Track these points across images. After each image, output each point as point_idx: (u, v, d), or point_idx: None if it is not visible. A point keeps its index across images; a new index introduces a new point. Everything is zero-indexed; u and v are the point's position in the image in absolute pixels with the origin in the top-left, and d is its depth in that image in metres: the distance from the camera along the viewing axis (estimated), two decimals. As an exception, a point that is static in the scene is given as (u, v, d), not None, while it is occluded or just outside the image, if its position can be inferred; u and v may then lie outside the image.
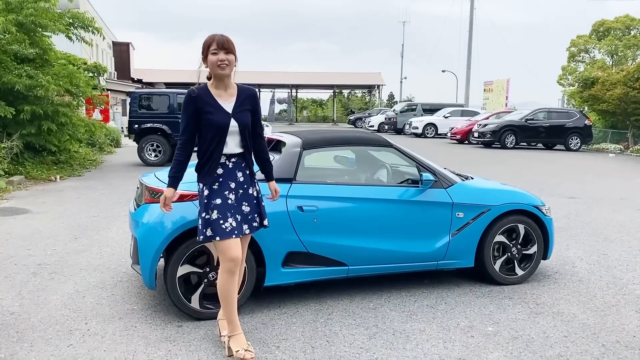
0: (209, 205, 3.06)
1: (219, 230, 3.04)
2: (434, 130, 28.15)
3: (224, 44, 3.01)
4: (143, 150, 13.59)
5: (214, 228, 3.04)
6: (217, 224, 3.04)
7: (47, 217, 7.06)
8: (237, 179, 3.13)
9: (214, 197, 3.06)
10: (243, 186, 3.15)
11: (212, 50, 3.01)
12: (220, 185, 3.08)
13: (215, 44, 3.00)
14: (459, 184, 4.50)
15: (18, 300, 4.07)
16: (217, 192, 3.07)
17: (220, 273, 3.14)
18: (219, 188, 3.08)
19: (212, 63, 3.02)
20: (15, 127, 10.92)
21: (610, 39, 28.99)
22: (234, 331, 3.19)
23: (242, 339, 3.17)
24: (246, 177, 3.17)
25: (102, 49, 34.12)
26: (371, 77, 54.40)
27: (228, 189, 3.09)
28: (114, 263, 5.05)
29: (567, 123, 20.90)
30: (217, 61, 3.00)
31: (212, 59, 3.01)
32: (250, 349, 3.14)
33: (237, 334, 3.18)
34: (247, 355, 3.08)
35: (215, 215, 3.04)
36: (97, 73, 16.84)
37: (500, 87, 38.70)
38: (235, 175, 3.12)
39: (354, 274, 4.18)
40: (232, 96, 3.14)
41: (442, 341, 3.47)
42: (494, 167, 14.07)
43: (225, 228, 3.04)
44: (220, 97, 3.10)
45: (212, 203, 3.05)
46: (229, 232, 3.05)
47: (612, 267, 5.22)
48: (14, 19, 10.56)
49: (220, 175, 3.09)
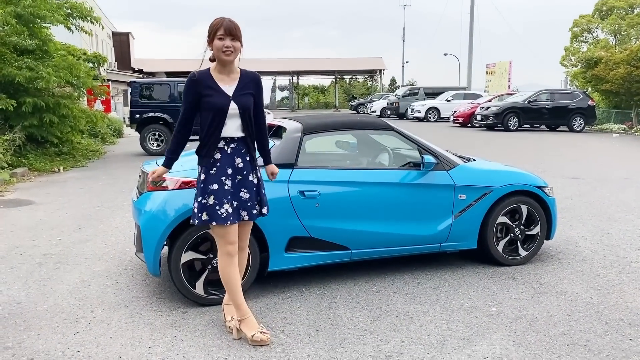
0: (205, 190, 3.06)
1: (215, 215, 3.04)
2: (436, 114, 28.04)
3: (231, 31, 3.00)
4: (145, 140, 13.60)
5: (210, 213, 3.04)
6: (213, 209, 3.04)
7: (51, 208, 7.09)
8: (236, 165, 3.11)
9: (211, 182, 3.06)
10: (242, 172, 3.14)
11: (218, 35, 2.99)
12: (218, 170, 3.08)
13: (222, 30, 2.99)
14: (460, 166, 4.49)
15: (24, 290, 4.10)
16: (213, 177, 3.07)
17: (219, 257, 3.17)
18: (215, 173, 3.07)
19: (217, 48, 3.01)
20: (17, 119, 10.93)
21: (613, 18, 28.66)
22: (244, 315, 3.19)
23: (253, 322, 3.19)
24: (246, 164, 3.15)
25: (102, 40, 34.02)
26: (372, 62, 54.10)
27: (225, 175, 3.08)
28: (118, 252, 5.08)
29: (570, 104, 20.78)
30: (223, 47, 3.00)
31: (217, 44, 3.00)
32: (265, 330, 3.18)
33: (247, 317, 3.19)
34: (264, 337, 3.12)
35: (211, 201, 3.05)
36: (97, 63, 16.82)
37: (503, 70, 38.44)
38: (234, 161, 3.11)
39: (357, 258, 4.19)
40: (235, 80, 3.13)
41: (446, 322, 3.49)
42: (496, 150, 14.02)
43: (221, 214, 3.04)
44: (222, 81, 3.10)
45: (208, 188, 3.06)
46: (225, 218, 3.05)
47: (615, 246, 5.22)
48: (13, 10, 10.52)
49: (217, 160, 3.08)
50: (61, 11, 11.95)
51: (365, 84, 62.47)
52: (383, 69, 53.87)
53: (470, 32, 35.69)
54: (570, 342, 3.21)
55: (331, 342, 3.20)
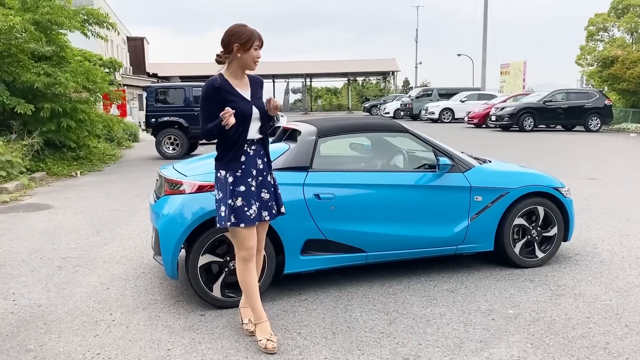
0: (233, 193, 3.09)
1: (244, 217, 3.07)
2: (450, 115, 27.90)
3: (262, 42, 3.14)
4: (161, 144, 13.73)
5: (239, 215, 3.07)
6: (241, 210, 3.07)
7: (69, 212, 7.19)
8: (257, 165, 3.17)
9: (238, 184, 3.09)
10: (262, 173, 3.19)
11: (255, 45, 3.09)
12: (243, 172, 3.11)
13: (258, 41, 3.10)
14: (476, 167, 4.48)
15: (45, 293, 4.17)
16: (240, 179, 3.10)
17: (237, 263, 3.21)
18: (242, 175, 3.10)
19: (252, 57, 3.10)
20: (35, 125, 11.11)
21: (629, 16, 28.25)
22: (259, 319, 3.22)
23: (266, 327, 3.21)
24: (265, 165, 3.21)
25: (117, 45, 34.40)
26: (385, 64, 54.01)
27: (250, 176, 3.12)
28: (136, 255, 5.13)
29: (587, 104, 20.54)
30: (256, 57, 3.11)
31: (253, 54, 3.10)
32: (273, 338, 3.17)
33: (262, 322, 3.22)
34: (269, 345, 3.12)
35: (239, 202, 3.08)
36: (113, 68, 17.04)
37: (517, 70, 38.11)
38: (256, 162, 3.16)
39: (373, 260, 4.19)
40: (247, 85, 3.19)
41: (463, 324, 3.48)
42: (512, 150, 13.92)
43: (250, 215, 3.08)
44: (238, 86, 3.15)
45: (236, 190, 3.09)
46: (253, 219, 3.10)
47: (634, 247, 5.16)
48: (31, 17, 10.70)
49: (242, 162, 3.12)
50: (78, 18, 12.14)
51: (378, 86, 62.36)
52: (396, 70, 53.74)
53: (484, 32, 35.48)
54: (590, 345, 3.18)
55: (348, 345, 3.21)
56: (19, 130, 11.04)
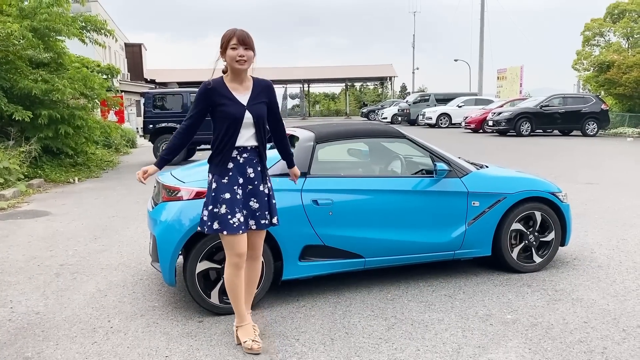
0: (217, 199, 3.08)
1: (227, 225, 3.06)
2: (447, 120, 27.98)
3: (244, 40, 3.03)
4: (159, 150, 13.73)
5: (222, 222, 3.06)
6: (225, 218, 3.06)
7: (67, 219, 7.18)
8: (247, 174, 3.14)
9: (223, 191, 3.08)
10: (253, 182, 3.15)
11: (232, 44, 3.02)
12: (230, 179, 3.10)
13: (235, 39, 3.02)
14: (473, 172, 4.49)
15: (42, 300, 4.16)
16: (226, 185, 3.09)
17: (227, 267, 3.19)
18: (228, 182, 3.09)
19: (231, 57, 3.04)
20: (33, 131, 11.11)
21: (625, 21, 28.39)
22: (242, 322, 3.26)
23: (249, 330, 3.24)
24: (257, 174, 3.17)
25: (115, 51, 34.42)
26: (383, 69, 54.15)
27: (237, 184, 3.10)
28: (134, 262, 5.13)
29: (583, 108, 20.61)
30: (236, 56, 3.03)
31: (231, 53, 3.03)
32: (257, 339, 3.20)
33: (245, 324, 3.26)
34: (255, 345, 3.15)
35: (223, 210, 3.07)
36: (110, 75, 17.06)
37: (514, 75, 38.27)
38: (245, 171, 3.13)
39: (371, 266, 4.19)
40: (248, 89, 3.16)
41: (461, 330, 3.48)
42: (509, 155, 13.95)
43: (233, 223, 3.06)
44: (236, 90, 3.12)
45: (220, 197, 3.08)
46: (237, 227, 3.07)
47: (631, 252, 5.17)
48: (29, 24, 10.71)
49: (230, 169, 3.10)
50: (76, 24, 12.16)
51: (375, 91, 62.51)
52: (393, 75, 53.88)
53: (481, 38, 35.65)
54: (587, 350, 3.19)
55: (346, 351, 3.21)
56: (17, 137, 11.03)
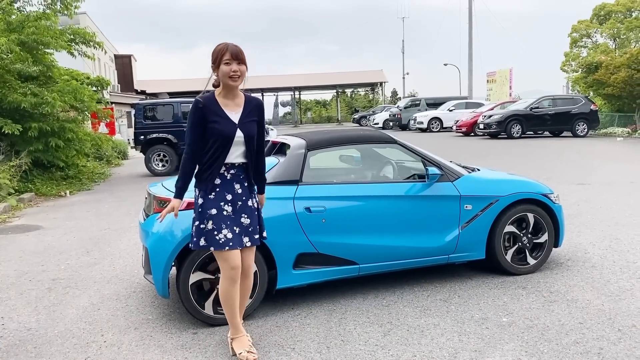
0: (204, 215, 3.04)
1: (213, 241, 3.03)
2: (439, 124, 28.08)
3: (238, 55, 2.98)
4: (150, 161, 13.68)
5: (208, 238, 3.03)
6: (211, 234, 3.03)
7: (58, 232, 7.12)
8: (235, 190, 3.10)
9: (209, 206, 3.04)
10: (242, 198, 3.12)
11: (225, 60, 2.96)
12: (217, 195, 3.06)
13: (228, 54, 2.96)
14: (465, 176, 4.50)
15: (34, 315, 4.11)
16: (212, 201, 3.05)
17: (222, 280, 3.15)
18: (214, 198, 3.05)
19: (224, 73, 2.98)
20: (23, 145, 11.03)
21: (611, 22, 28.71)
22: (237, 334, 3.23)
23: (244, 341, 3.22)
24: (244, 190, 3.13)
25: (105, 63, 34.34)
26: (373, 75, 54.37)
27: (224, 200, 3.06)
28: (126, 274, 5.08)
29: (573, 109, 20.74)
30: (230, 72, 2.97)
31: (224, 69, 2.97)
32: (253, 350, 3.18)
33: (240, 336, 3.23)
34: (250, 357, 3.12)
35: (210, 226, 3.03)
36: (100, 87, 17.01)
37: (504, 77, 38.50)
38: (233, 187, 3.10)
39: (366, 272, 4.18)
40: (239, 106, 3.11)
41: (457, 334, 3.47)
42: (501, 158, 14.01)
43: (219, 239, 3.02)
44: (227, 106, 3.07)
45: (207, 213, 3.04)
46: (223, 244, 3.02)
47: (625, 251, 5.19)
48: (17, 38, 10.66)
49: (217, 185, 3.07)
50: (64, 37, 12.11)
51: (366, 97, 62.66)
52: (384, 81, 54.11)
53: (470, 42, 35.86)
54: (584, 351, 3.18)
55: (342, 359, 3.19)
56: (7, 151, 10.96)
